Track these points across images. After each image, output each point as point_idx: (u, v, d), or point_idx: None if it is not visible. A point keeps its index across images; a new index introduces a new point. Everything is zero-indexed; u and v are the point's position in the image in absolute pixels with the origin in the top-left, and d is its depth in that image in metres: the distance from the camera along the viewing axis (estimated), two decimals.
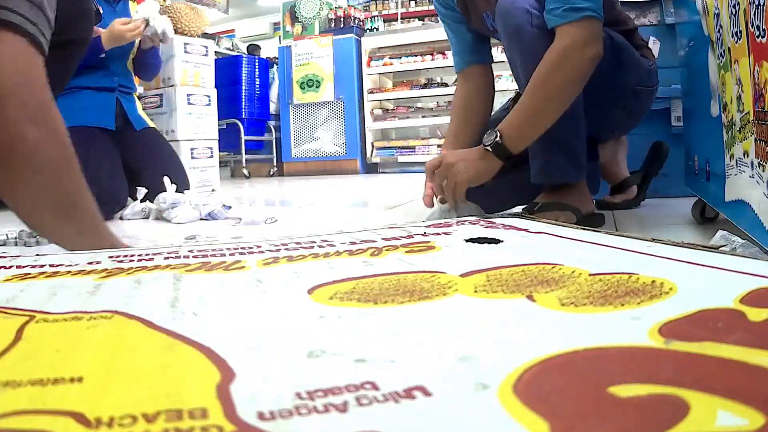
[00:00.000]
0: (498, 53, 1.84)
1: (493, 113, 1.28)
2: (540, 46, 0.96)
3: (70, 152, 0.69)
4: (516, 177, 1.13)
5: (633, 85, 1.15)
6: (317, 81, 4.55)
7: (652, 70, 1.20)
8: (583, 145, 1.06)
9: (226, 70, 4.22)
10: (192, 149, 2.77)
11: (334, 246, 0.59)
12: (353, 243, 0.60)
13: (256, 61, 4.54)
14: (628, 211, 1.29)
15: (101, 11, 1.55)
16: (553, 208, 1.03)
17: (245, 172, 4.40)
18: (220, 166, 3.18)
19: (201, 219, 1.50)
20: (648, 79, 1.19)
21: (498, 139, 0.94)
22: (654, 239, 0.56)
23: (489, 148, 0.95)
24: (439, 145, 4.47)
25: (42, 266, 0.53)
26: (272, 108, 4.78)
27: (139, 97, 2.26)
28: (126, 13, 1.95)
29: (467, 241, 0.60)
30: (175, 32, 2.67)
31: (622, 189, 1.42)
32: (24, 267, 0.53)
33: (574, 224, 1.00)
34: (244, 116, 4.36)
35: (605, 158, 1.38)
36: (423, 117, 4.61)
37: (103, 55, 1.77)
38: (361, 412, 0.21)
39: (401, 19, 5.71)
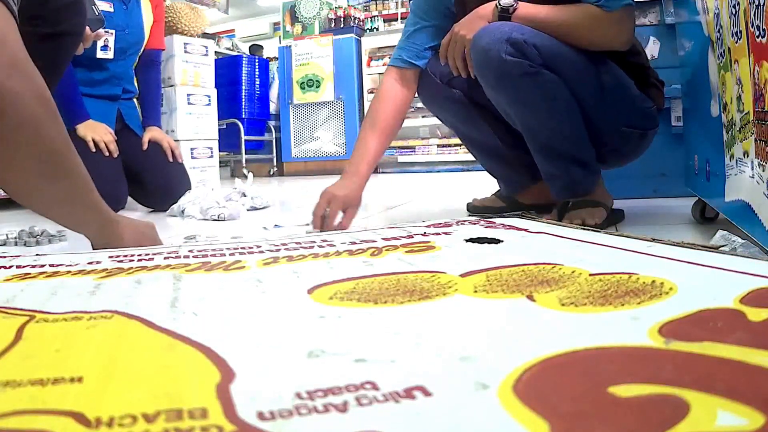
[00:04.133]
0: None
1: None
2: (524, 87, 1.00)
3: (52, 108, 0.62)
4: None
5: (619, 125, 1.09)
6: (317, 81, 4.54)
7: (650, 113, 1.12)
8: (591, 151, 1.08)
9: (226, 70, 4.22)
10: (192, 149, 2.77)
11: (334, 246, 0.59)
12: (353, 243, 0.60)
13: (256, 60, 4.54)
14: (627, 210, 1.28)
15: (103, 19, 1.53)
16: (585, 206, 1.06)
17: (245, 172, 4.40)
18: (220, 166, 3.18)
19: (203, 219, 1.50)
20: (641, 121, 1.12)
21: (513, 7, 1.02)
22: (654, 239, 0.56)
23: (499, 6, 1.02)
24: (439, 145, 4.47)
25: (42, 266, 0.53)
26: (272, 108, 4.78)
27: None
28: (137, 14, 1.89)
29: (467, 241, 0.60)
30: (175, 32, 2.67)
31: None
32: (24, 267, 0.53)
33: (604, 220, 1.03)
34: (244, 116, 4.36)
35: None
36: (423, 117, 4.60)
37: (111, 56, 1.78)
38: (361, 412, 0.21)
39: (401, 19, 5.70)
